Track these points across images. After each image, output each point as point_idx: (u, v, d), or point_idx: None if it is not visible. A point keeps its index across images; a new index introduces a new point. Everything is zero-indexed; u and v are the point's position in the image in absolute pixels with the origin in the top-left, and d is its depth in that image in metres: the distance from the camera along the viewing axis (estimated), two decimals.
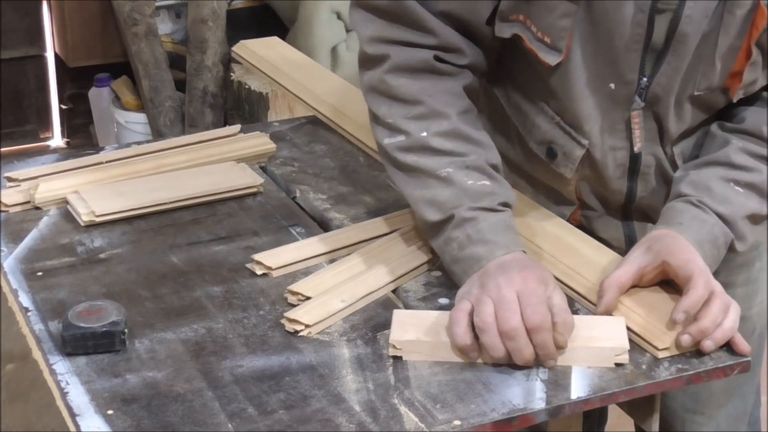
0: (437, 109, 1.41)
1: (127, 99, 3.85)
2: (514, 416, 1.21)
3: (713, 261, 1.41)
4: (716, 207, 1.43)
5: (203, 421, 1.18)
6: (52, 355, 1.29)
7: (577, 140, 1.50)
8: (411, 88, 1.42)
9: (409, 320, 1.32)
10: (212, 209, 1.64)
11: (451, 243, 1.38)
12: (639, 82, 1.43)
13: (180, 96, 3.72)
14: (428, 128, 1.41)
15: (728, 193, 1.44)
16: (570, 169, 1.53)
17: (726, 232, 1.43)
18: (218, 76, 3.59)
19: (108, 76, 4.00)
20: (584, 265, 1.45)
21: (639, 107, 1.45)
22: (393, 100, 1.43)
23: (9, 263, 1.48)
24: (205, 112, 3.61)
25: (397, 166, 1.44)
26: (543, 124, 1.53)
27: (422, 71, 1.43)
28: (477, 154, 1.41)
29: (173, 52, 3.84)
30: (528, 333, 1.26)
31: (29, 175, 1.67)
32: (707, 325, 1.29)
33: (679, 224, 1.41)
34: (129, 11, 3.64)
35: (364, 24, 1.44)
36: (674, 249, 1.36)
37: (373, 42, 1.43)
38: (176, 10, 3.97)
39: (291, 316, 1.34)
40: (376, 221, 1.58)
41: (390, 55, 1.42)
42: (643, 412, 1.38)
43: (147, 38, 3.66)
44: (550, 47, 1.42)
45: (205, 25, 3.54)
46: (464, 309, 1.29)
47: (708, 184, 1.45)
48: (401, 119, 1.42)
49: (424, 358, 1.28)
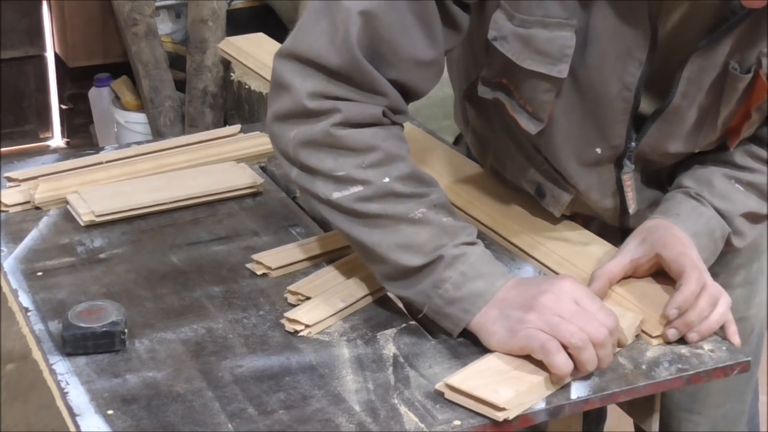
0: (393, 153, 1.33)
1: (127, 99, 3.85)
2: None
3: (710, 253, 1.42)
4: (715, 201, 1.44)
5: (203, 421, 1.18)
6: (52, 355, 1.29)
7: (565, 188, 1.51)
8: (361, 136, 1.31)
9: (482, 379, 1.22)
10: (212, 209, 1.64)
11: (443, 284, 1.30)
12: (627, 146, 1.43)
13: (180, 96, 3.72)
14: (389, 173, 1.32)
15: (729, 189, 1.46)
16: (558, 210, 1.53)
17: (723, 226, 1.44)
18: (218, 76, 3.59)
19: (108, 76, 4.00)
20: (578, 255, 1.46)
21: (629, 170, 1.45)
22: (341, 152, 1.31)
23: (9, 263, 1.48)
24: (205, 112, 3.61)
25: (355, 216, 1.33)
26: (530, 167, 1.52)
27: (372, 125, 1.34)
28: (437, 193, 1.34)
29: (173, 52, 3.84)
30: None
31: (29, 175, 1.68)
32: (692, 318, 1.30)
33: (676, 215, 1.41)
34: (129, 11, 3.64)
35: (301, 79, 1.31)
36: (668, 241, 1.37)
37: (315, 97, 1.31)
38: (176, 10, 3.96)
39: (291, 316, 1.34)
40: None
41: (340, 109, 1.31)
42: (643, 412, 1.38)
43: (147, 38, 3.66)
44: (532, 116, 1.40)
45: (205, 25, 3.54)
46: (545, 337, 1.22)
47: (710, 180, 1.46)
48: (354, 169, 1.31)
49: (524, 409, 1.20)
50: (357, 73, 1.30)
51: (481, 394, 1.19)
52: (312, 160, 1.33)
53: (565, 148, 1.44)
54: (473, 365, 1.25)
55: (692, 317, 1.30)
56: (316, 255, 1.49)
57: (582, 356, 1.22)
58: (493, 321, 1.26)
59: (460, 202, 1.60)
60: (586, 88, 1.37)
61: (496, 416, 1.17)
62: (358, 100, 1.32)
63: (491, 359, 1.26)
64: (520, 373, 1.23)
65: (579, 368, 1.23)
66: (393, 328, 1.35)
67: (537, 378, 1.22)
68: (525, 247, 1.51)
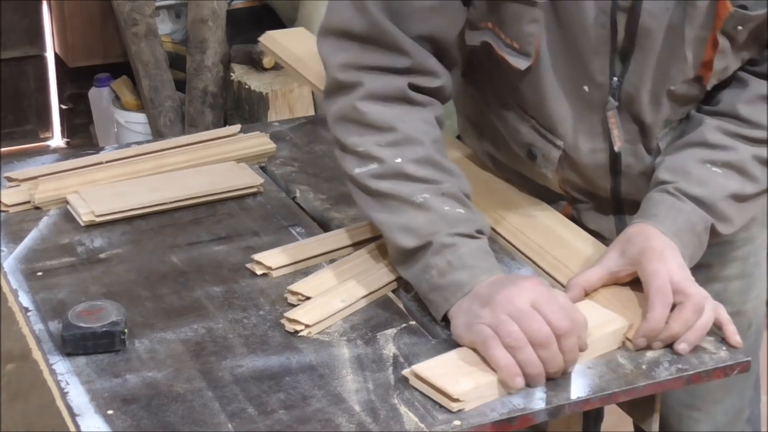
0: (411, 136, 1.38)
1: (127, 99, 3.85)
2: (514, 416, 1.21)
3: (694, 249, 1.40)
4: (692, 190, 1.41)
5: (203, 421, 1.18)
6: (52, 355, 1.29)
7: (552, 142, 1.50)
8: (384, 114, 1.39)
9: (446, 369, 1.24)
10: (212, 209, 1.64)
11: (430, 270, 1.33)
12: (611, 82, 1.43)
13: (180, 96, 3.72)
14: (402, 155, 1.37)
15: (705, 175, 1.42)
16: (550, 169, 1.53)
17: (704, 218, 1.41)
18: (218, 76, 3.59)
19: (108, 76, 4.00)
20: (572, 257, 1.46)
21: (613, 107, 1.45)
22: (364, 128, 1.39)
23: (9, 263, 1.48)
24: (205, 112, 3.61)
25: (368, 194, 1.39)
26: (520, 127, 1.53)
27: (396, 99, 1.40)
28: (451, 183, 1.38)
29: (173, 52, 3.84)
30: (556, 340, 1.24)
31: (29, 175, 1.67)
32: (677, 329, 1.29)
33: (654, 216, 1.40)
34: (129, 11, 3.64)
35: (334, 52, 1.41)
36: (644, 256, 1.35)
37: (345, 69, 1.40)
38: (176, 10, 3.97)
39: (291, 316, 1.34)
40: None
41: (363, 82, 1.39)
42: (643, 412, 1.38)
43: (147, 38, 3.66)
44: (520, 53, 1.41)
45: (205, 25, 3.54)
46: (488, 333, 1.25)
47: (685, 168, 1.43)
48: (373, 146, 1.38)
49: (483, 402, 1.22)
50: (379, 33, 1.37)
51: (440, 384, 1.20)
52: (343, 134, 1.41)
53: (553, 92, 1.45)
54: (446, 354, 1.27)
55: (677, 328, 1.29)
56: (316, 255, 1.49)
57: (518, 356, 1.23)
58: (462, 313, 1.29)
59: None
60: (565, 20, 1.39)
61: (451, 407, 1.19)
62: (383, 65, 1.38)
63: (465, 351, 1.27)
64: (487, 368, 1.23)
65: (522, 369, 1.23)
66: (393, 328, 1.35)
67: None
68: (521, 247, 1.51)
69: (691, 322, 1.30)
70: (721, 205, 1.42)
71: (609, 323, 1.31)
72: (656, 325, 1.29)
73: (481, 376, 1.23)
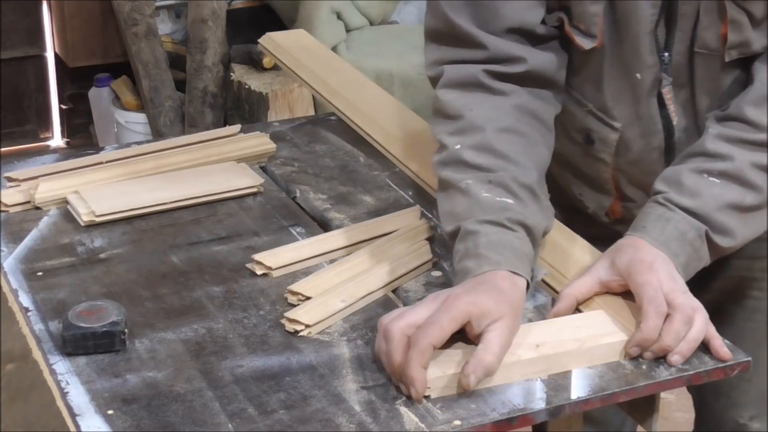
0: (475, 124, 1.42)
1: (127, 99, 3.85)
2: (514, 416, 1.20)
3: (687, 258, 1.37)
4: (683, 201, 1.38)
5: (203, 421, 1.18)
6: (52, 355, 1.29)
7: (610, 125, 1.51)
8: (456, 102, 1.44)
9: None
10: (212, 209, 1.64)
11: (455, 256, 1.35)
12: (661, 59, 1.45)
13: (180, 96, 3.72)
14: (463, 142, 1.41)
15: (699, 185, 1.39)
16: (608, 153, 1.53)
17: (696, 225, 1.37)
18: (218, 76, 3.59)
19: (108, 76, 4.00)
20: (569, 265, 1.44)
21: (668, 83, 1.46)
22: (441, 117, 1.46)
23: (9, 263, 1.48)
24: (205, 112, 3.61)
25: (438, 181, 1.44)
26: (578, 112, 1.54)
27: (471, 86, 1.45)
28: (506, 171, 1.38)
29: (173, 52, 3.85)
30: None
31: (29, 175, 1.67)
32: (668, 342, 1.28)
33: (642, 228, 1.38)
34: (129, 11, 3.64)
35: (428, 53, 1.51)
36: (633, 268, 1.33)
37: (431, 66, 1.50)
38: (176, 10, 3.97)
39: (291, 316, 1.34)
40: (377, 221, 1.58)
41: (443, 72, 1.47)
42: (643, 412, 1.37)
43: (147, 38, 3.66)
44: (585, 34, 1.46)
45: (205, 25, 3.54)
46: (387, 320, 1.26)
47: (678, 179, 1.40)
48: (444, 134, 1.44)
49: (450, 392, 1.22)
50: (452, 29, 1.45)
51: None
52: (431, 125, 1.50)
53: (610, 75, 1.48)
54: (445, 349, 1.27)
55: (668, 341, 1.28)
56: (316, 255, 1.49)
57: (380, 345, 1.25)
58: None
59: None
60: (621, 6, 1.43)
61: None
62: (460, 58, 1.46)
63: (459, 345, 1.26)
64: (461, 360, 1.23)
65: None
66: None
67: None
68: None
69: (681, 333, 1.29)
70: (717, 216, 1.38)
71: (608, 335, 1.30)
72: (650, 335, 1.28)
73: (452, 367, 1.23)
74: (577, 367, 1.28)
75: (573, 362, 1.28)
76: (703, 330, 1.30)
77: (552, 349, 1.27)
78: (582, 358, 1.28)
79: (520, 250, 1.34)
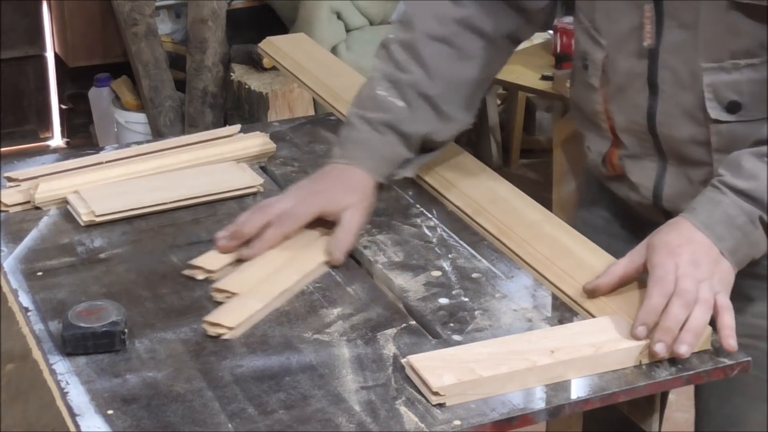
0: (411, 24, 1.54)
1: (127, 99, 3.86)
2: (514, 416, 1.20)
3: (736, 242, 1.36)
4: (738, 183, 1.37)
5: (203, 421, 1.18)
6: (52, 355, 1.29)
7: (598, 42, 1.52)
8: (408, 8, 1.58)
9: (436, 362, 1.25)
10: (212, 209, 1.64)
11: (339, 134, 1.54)
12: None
13: (180, 96, 3.72)
14: (396, 34, 1.55)
15: (757, 168, 1.37)
16: (597, 77, 1.53)
17: (748, 210, 1.36)
18: (218, 76, 3.59)
19: (108, 76, 4.00)
20: (578, 267, 1.44)
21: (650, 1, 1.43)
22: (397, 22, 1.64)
23: (9, 263, 1.48)
24: (205, 112, 3.62)
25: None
26: (580, 36, 1.57)
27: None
28: (412, 75, 1.52)
29: (173, 52, 3.85)
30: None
31: (29, 175, 1.67)
32: (669, 324, 1.27)
33: (693, 209, 1.38)
34: (129, 11, 3.65)
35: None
36: (655, 249, 1.34)
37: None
38: (176, 10, 3.97)
39: (212, 319, 1.33)
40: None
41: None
42: (643, 412, 1.37)
43: (147, 38, 3.66)
44: None
45: (205, 25, 3.54)
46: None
47: (739, 161, 1.39)
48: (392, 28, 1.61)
49: (466, 399, 1.22)
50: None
51: (424, 375, 1.22)
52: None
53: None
54: (447, 349, 1.28)
55: (668, 323, 1.27)
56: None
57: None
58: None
59: (470, 210, 1.59)
60: None
61: (431, 399, 1.20)
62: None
63: (465, 348, 1.27)
64: (476, 366, 1.23)
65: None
66: (393, 328, 1.35)
67: (489, 373, 1.22)
68: (527, 258, 1.49)
69: (680, 317, 1.28)
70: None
71: (624, 340, 1.28)
72: (650, 313, 1.28)
73: (467, 373, 1.22)
74: (593, 372, 1.26)
75: (589, 368, 1.26)
76: (703, 320, 1.29)
77: (568, 354, 1.26)
78: (598, 364, 1.27)
79: (381, 152, 1.53)
